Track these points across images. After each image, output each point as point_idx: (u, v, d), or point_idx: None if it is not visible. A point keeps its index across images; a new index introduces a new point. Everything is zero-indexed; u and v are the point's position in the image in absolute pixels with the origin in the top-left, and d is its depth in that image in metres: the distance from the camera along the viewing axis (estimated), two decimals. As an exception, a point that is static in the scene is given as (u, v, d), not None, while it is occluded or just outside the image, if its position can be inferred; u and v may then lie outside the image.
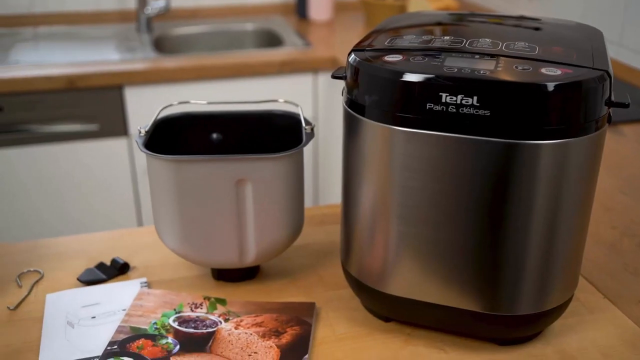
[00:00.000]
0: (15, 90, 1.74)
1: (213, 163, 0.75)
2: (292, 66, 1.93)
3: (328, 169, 2.10)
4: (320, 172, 2.10)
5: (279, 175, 0.77)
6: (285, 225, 0.80)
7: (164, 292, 0.81)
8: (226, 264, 0.81)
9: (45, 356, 0.71)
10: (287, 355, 0.71)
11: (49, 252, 0.92)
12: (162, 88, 1.85)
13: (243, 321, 0.76)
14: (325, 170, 2.10)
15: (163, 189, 0.77)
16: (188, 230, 0.78)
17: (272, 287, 0.85)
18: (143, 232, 0.97)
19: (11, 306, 0.80)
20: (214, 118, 0.89)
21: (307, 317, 0.77)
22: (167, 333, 0.74)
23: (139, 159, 1.91)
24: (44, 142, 1.82)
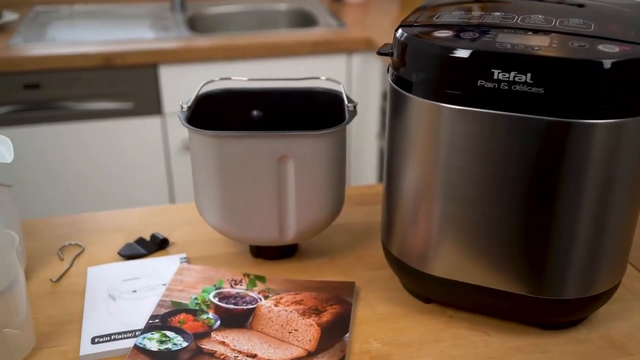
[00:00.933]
0: (52, 67, 1.75)
1: (255, 139, 0.74)
2: (326, 47, 1.91)
3: (360, 150, 2.08)
4: (352, 153, 2.09)
5: (321, 152, 0.76)
6: (326, 204, 0.79)
7: (204, 268, 0.81)
8: (266, 241, 0.81)
9: (88, 328, 0.72)
10: (328, 333, 0.70)
11: (89, 226, 0.93)
12: (196, 67, 1.85)
13: (283, 299, 0.76)
14: (357, 151, 2.09)
15: (205, 164, 0.76)
16: (229, 207, 0.78)
17: (310, 265, 0.84)
18: (181, 208, 0.98)
19: (53, 278, 0.81)
20: (254, 95, 0.88)
21: (347, 297, 0.77)
22: (207, 308, 0.74)
23: (172, 137, 1.92)
24: (79, 119, 1.83)
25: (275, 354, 0.67)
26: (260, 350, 0.68)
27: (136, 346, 0.67)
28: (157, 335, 0.69)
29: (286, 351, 0.68)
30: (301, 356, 0.67)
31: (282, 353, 0.68)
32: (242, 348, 0.68)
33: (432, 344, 0.71)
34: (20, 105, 1.79)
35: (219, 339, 0.69)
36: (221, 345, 0.68)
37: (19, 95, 1.78)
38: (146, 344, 0.68)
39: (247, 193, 0.77)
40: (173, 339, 0.69)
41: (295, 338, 0.70)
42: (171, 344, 0.68)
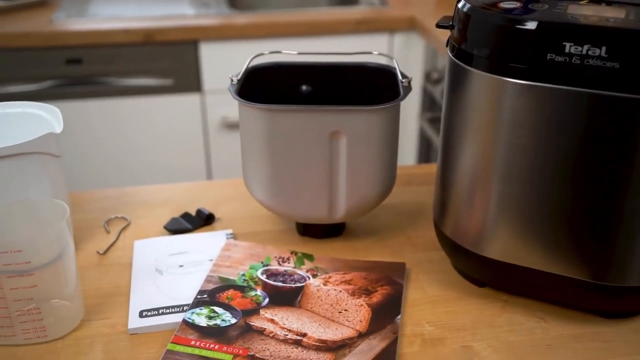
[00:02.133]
0: (93, 42, 1.75)
1: (307, 113, 0.72)
2: (368, 25, 1.88)
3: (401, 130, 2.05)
4: (391, 135, 2.05)
5: (375, 129, 0.73)
6: (377, 182, 0.77)
7: (250, 245, 0.80)
8: (315, 218, 0.79)
9: (136, 301, 0.71)
10: (379, 314, 0.69)
11: (135, 199, 0.92)
12: (236, 44, 1.84)
13: (332, 278, 0.74)
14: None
15: (254, 139, 0.75)
16: (278, 183, 0.76)
17: (358, 245, 0.82)
18: (227, 184, 0.96)
19: (100, 251, 0.81)
20: (304, 69, 0.86)
21: (398, 278, 0.75)
22: (255, 285, 0.73)
23: (211, 115, 1.91)
24: (119, 95, 1.84)
25: (325, 334, 0.66)
26: (310, 329, 0.66)
27: (185, 321, 0.66)
28: (205, 310, 0.68)
29: (336, 331, 0.66)
30: (352, 337, 0.66)
31: (332, 333, 0.66)
32: (291, 326, 0.67)
33: (487, 329, 0.68)
34: (62, 80, 1.80)
35: (268, 316, 0.68)
36: (270, 322, 0.67)
37: (61, 70, 1.78)
38: (195, 319, 0.67)
39: (297, 169, 0.75)
40: (222, 315, 0.68)
41: (345, 318, 0.68)
42: (220, 320, 0.67)
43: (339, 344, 0.65)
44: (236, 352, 0.63)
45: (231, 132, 1.94)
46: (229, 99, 1.90)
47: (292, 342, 0.65)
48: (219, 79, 1.87)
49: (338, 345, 0.64)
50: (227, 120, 1.91)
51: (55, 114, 0.79)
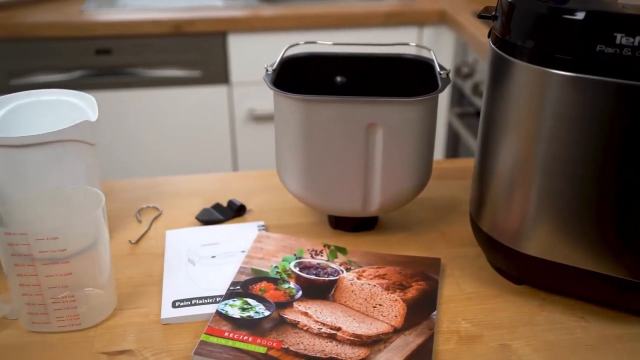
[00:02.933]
0: (123, 33, 1.76)
1: (344, 104, 0.71)
2: (397, 18, 1.86)
3: (427, 128, 2.03)
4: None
5: (412, 121, 0.72)
6: (413, 176, 0.75)
7: (283, 237, 0.79)
8: (348, 211, 0.78)
9: (168, 291, 0.71)
10: (414, 310, 0.67)
11: (166, 189, 0.92)
12: (264, 36, 1.83)
13: (365, 272, 0.73)
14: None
15: (290, 129, 0.74)
16: (312, 175, 0.75)
17: (391, 239, 0.81)
18: (258, 175, 0.96)
19: (132, 240, 0.81)
20: (339, 60, 0.85)
21: (433, 273, 0.73)
22: (288, 278, 0.72)
23: (238, 107, 1.91)
24: (147, 86, 1.84)
25: (360, 328, 0.65)
26: (345, 324, 0.65)
27: (218, 312, 0.66)
28: (238, 302, 0.68)
29: (371, 326, 0.65)
30: (387, 332, 0.64)
31: (366, 328, 0.65)
32: (325, 320, 0.66)
33: (526, 327, 0.67)
34: (92, 70, 1.80)
35: (301, 309, 0.67)
36: (304, 316, 0.66)
37: (90, 60, 1.79)
38: (228, 310, 0.66)
39: (332, 161, 0.74)
40: (255, 306, 0.67)
41: (380, 313, 0.67)
42: (253, 312, 0.66)
43: (373, 338, 0.64)
44: (270, 344, 0.62)
45: (258, 125, 1.94)
46: (256, 91, 1.90)
47: (326, 336, 0.64)
48: (247, 71, 1.87)
49: (373, 340, 0.63)
50: (254, 112, 1.91)
51: (90, 102, 0.78)
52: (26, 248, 0.61)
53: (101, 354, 0.63)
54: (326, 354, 0.62)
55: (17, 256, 0.61)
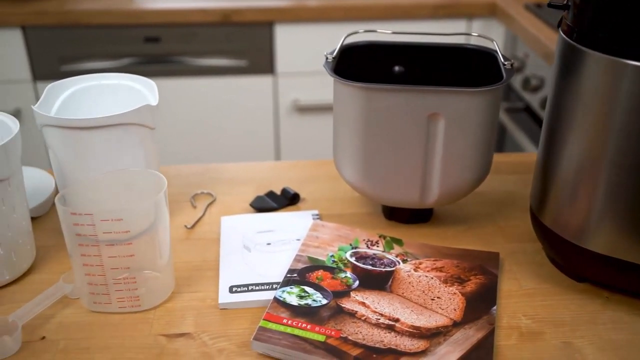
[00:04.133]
0: (171, 21, 1.77)
1: (406, 94, 0.70)
2: (446, 10, 1.83)
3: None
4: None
5: (475, 112, 0.70)
6: (473, 168, 0.74)
7: (338, 226, 0.78)
8: (405, 203, 0.77)
9: (225, 276, 0.71)
10: (473, 304, 0.66)
11: (219, 176, 0.92)
12: (311, 27, 1.82)
13: (422, 264, 0.72)
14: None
15: (349, 118, 0.73)
16: (370, 164, 0.74)
17: (447, 232, 0.80)
18: (310, 164, 0.95)
19: (188, 225, 0.81)
20: (399, 49, 0.83)
21: (492, 267, 0.72)
22: (344, 267, 0.71)
23: (283, 97, 1.91)
24: (194, 74, 1.85)
25: (419, 320, 0.64)
26: (403, 315, 0.65)
27: (276, 299, 0.66)
28: (296, 289, 0.67)
29: (430, 318, 0.64)
30: (447, 325, 0.63)
31: (425, 320, 0.64)
32: (383, 311, 0.65)
33: (588, 326, 0.65)
34: (140, 57, 1.82)
35: (359, 299, 0.67)
36: (361, 306, 0.66)
37: (139, 48, 1.81)
38: (286, 297, 0.66)
39: (391, 151, 0.73)
40: (312, 295, 0.67)
41: (438, 306, 0.66)
42: (311, 300, 0.66)
43: (433, 331, 0.63)
44: (328, 333, 0.62)
45: (302, 115, 1.94)
46: (301, 81, 1.89)
47: (384, 327, 0.63)
48: (292, 61, 1.87)
49: (432, 333, 0.62)
50: (298, 103, 1.91)
51: (150, 87, 0.79)
52: (91, 229, 0.61)
53: (160, 335, 0.64)
54: (385, 344, 0.61)
55: (81, 236, 0.62)
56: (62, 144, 0.72)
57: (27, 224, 0.71)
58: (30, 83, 1.82)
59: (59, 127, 0.70)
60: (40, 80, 1.82)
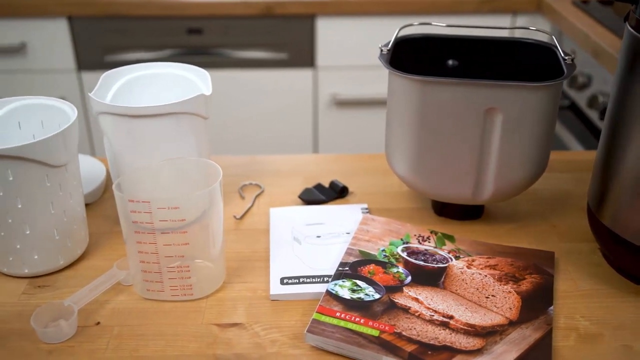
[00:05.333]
0: (214, 13, 1.78)
1: (464, 87, 0.68)
2: (491, 5, 1.80)
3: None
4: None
5: (534, 107, 0.69)
6: (529, 165, 0.73)
7: (388, 220, 0.78)
8: (458, 198, 0.76)
9: (276, 268, 0.71)
10: (529, 303, 0.65)
11: (266, 167, 0.92)
12: (353, 20, 1.81)
13: (475, 261, 0.71)
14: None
15: (404, 111, 0.72)
16: (424, 158, 0.73)
17: (499, 230, 0.79)
18: (357, 158, 0.94)
19: (237, 215, 0.81)
20: (453, 42, 0.82)
21: (547, 267, 0.70)
22: (396, 262, 0.70)
23: (322, 91, 1.90)
24: (234, 66, 1.86)
25: (474, 318, 0.63)
26: (457, 312, 0.63)
27: (328, 292, 0.65)
28: (348, 283, 0.67)
29: (485, 317, 0.63)
30: (502, 324, 0.62)
31: (480, 318, 0.63)
32: (437, 307, 0.64)
33: (650, 330, 0.63)
34: (182, 49, 1.83)
35: (412, 294, 0.66)
36: (415, 301, 0.65)
37: (181, 39, 1.82)
38: (338, 290, 0.66)
39: (445, 145, 0.72)
40: (365, 289, 0.66)
41: (493, 304, 0.65)
42: (363, 294, 0.65)
43: (488, 329, 0.62)
44: (382, 327, 0.61)
45: (341, 110, 1.93)
46: (341, 75, 1.88)
47: (438, 324, 0.62)
48: (333, 55, 1.86)
49: (488, 331, 0.61)
50: (338, 97, 1.90)
51: (203, 77, 0.79)
52: (148, 216, 0.62)
53: (212, 325, 0.64)
54: (440, 341, 0.60)
55: (138, 224, 0.62)
56: (116, 131, 0.72)
57: (82, 210, 0.72)
58: (74, 72, 1.84)
59: (114, 114, 0.71)
60: (84, 70, 1.84)
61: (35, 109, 0.73)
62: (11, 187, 0.64)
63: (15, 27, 1.78)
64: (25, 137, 0.74)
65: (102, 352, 0.60)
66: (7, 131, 0.73)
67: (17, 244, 0.67)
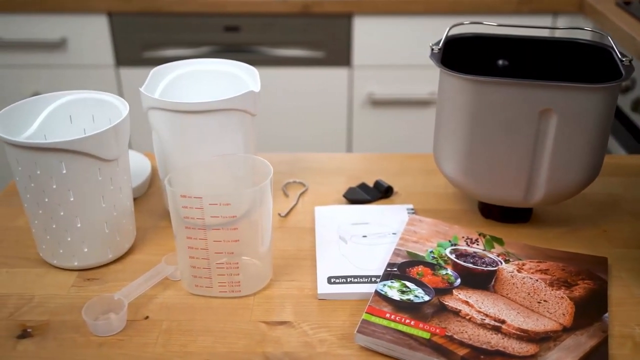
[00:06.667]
0: (251, 11, 1.78)
1: (518, 88, 0.67)
2: (531, 6, 1.77)
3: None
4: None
5: (591, 110, 0.67)
6: (583, 169, 0.71)
7: (436, 221, 0.77)
8: (507, 201, 0.74)
9: (323, 267, 0.70)
10: (583, 309, 0.63)
11: (310, 165, 0.92)
12: (391, 20, 1.80)
13: (525, 265, 0.70)
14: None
15: (455, 110, 0.71)
16: (474, 159, 0.72)
17: (548, 234, 0.77)
18: (402, 157, 0.94)
19: (282, 213, 0.81)
20: (505, 42, 0.81)
21: (600, 273, 0.69)
22: (445, 264, 0.69)
23: (357, 90, 1.90)
24: (270, 64, 1.86)
25: (526, 324, 0.62)
26: (509, 317, 0.62)
27: (377, 292, 0.65)
28: (397, 284, 0.66)
29: (538, 322, 0.62)
30: (556, 330, 0.61)
31: (533, 323, 0.62)
32: (488, 311, 0.63)
33: None
34: (219, 46, 1.84)
35: (462, 297, 0.65)
36: (465, 304, 0.64)
37: (219, 37, 1.83)
38: (387, 291, 0.65)
39: (497, 146, 0.70)
40: (414, 290, 0.65)
41: (546, 310, 0.63)
42: (412, 296, 0.64)
43: (541, 335, 0.60)
44: (433, 330, 0.60)
45: (375, 109, 1.92)
46: (377, 75, 1.87)
47: (490, 328, 0.61)
48: (369, 54, 1.85)
49: (541, 337, 0.60)
50: (373, 96, 1.89)
51: (252, 74, 0.79)
52: (199, 212, 0.62)
53: (261, 322, 0.64)
54: (492, 346, 0.59)
55: (189, 219, 0.62)
56: (166, 126, 0.72)
57: (130, 204, 0.72)
58: (112, 68, 1.86)
59: (164, 109, 0.71)
60: (122, 66, 1.86)
61: (87, 103, 0.73)
62: (64, 180, 0.65)
63: (57, 22, 1.80)
64: (76, 130, 0.74)
65: (152, 347, 0.61)
66: (59, 124, 0.73)
67: (68, 237, 0.68)
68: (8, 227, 0.78)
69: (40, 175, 0.64)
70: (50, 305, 0.66)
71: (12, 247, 0.75)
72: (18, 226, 0.78)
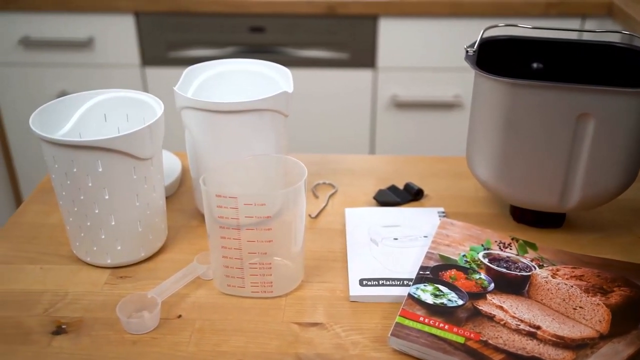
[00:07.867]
0: (277, 12, 1.78)
1: (556, 91, 0.66)
2: (559, 8, 1.76)
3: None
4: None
5: (630, 114, 0.66)
6: (620, 174, 0.70)
7: (467, 225, 0.76)
8: (542, 205, 0.74)
9: (355, 269, 0.70)
10: (620, 317, 0.62)
11: (339, 167, 0.92)
12: (416, 22, 1.79)
13: (560, 271, 0.69)
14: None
15: (490, 113, 0.70)
16: (509, 163, 0.71)
17: (582, 239, 0.76)
18: (431, 160, 0.93)
19: (312, 214, 0.81)
20: (540, 45, 0.80)
21: (636, 280, 0.68)
22: (478, 268, 0.69)
23: (382, 92, 1.89)
24: (295, 65, 1.86)
25: (562, 330, 0.61)
26: (544, 323, 0.62)
27: (410, 295, 0.64)
28: (430, 287, 0.66)
29: (574, 329, 0.61)
30: (593, 337, 0.60)
31: (569, 330, 0.61)
32: (522, 316, 0.62)
33: None
34: (244, 47, 1.85)
35: (496, 302, 0.64)
36: (499, 309, 0.63)
37: (244, 37, 1.83)
38: (420, 295, 0.64)
39: (533, 151, 0.70)
40: (447, 294, 0.65)
41: (582, 316, 0.63)
42: (446, 300, 0.64)
43: (578, 342, 0.60)
44: (467, 335, 0.60)
45: (399, 111, 1.91)
46: (402, 77, 1.87)
47: (525, 333, 0.60)
48: (394, 56, 1.84)
49: (578, 344, 0.59)
50: (397, 98, 1.88)
51: (284, 75, 0.79)
52: (234, 212, 0.62)
53: (293, 323, 0.63)
54: (528, 352, 0.58)
55: (223, 219, 0.62)
56: (199, 126, 0.73)
57: (163, 203, 0.72)
58: (137, 68, 1.88)
59: (197, 109, 0.71)
60: (147, 66, 1.87)
61: (121, 102, 0.74)
62: (100, 178, 0.65)
63: (84, 22, 1.82)
64: (110, 129, 0.75)
65: (185, 346, 0.61)
66: (93, 123, 0.74)
67: (102, 235, 0.68)
68: (42, 224, 0.79)
69: (76, 172, 0.64)
70: (84, 302, 0.66)
71: (46, 243, 0.75)
72: (52, 223, 0.79)
